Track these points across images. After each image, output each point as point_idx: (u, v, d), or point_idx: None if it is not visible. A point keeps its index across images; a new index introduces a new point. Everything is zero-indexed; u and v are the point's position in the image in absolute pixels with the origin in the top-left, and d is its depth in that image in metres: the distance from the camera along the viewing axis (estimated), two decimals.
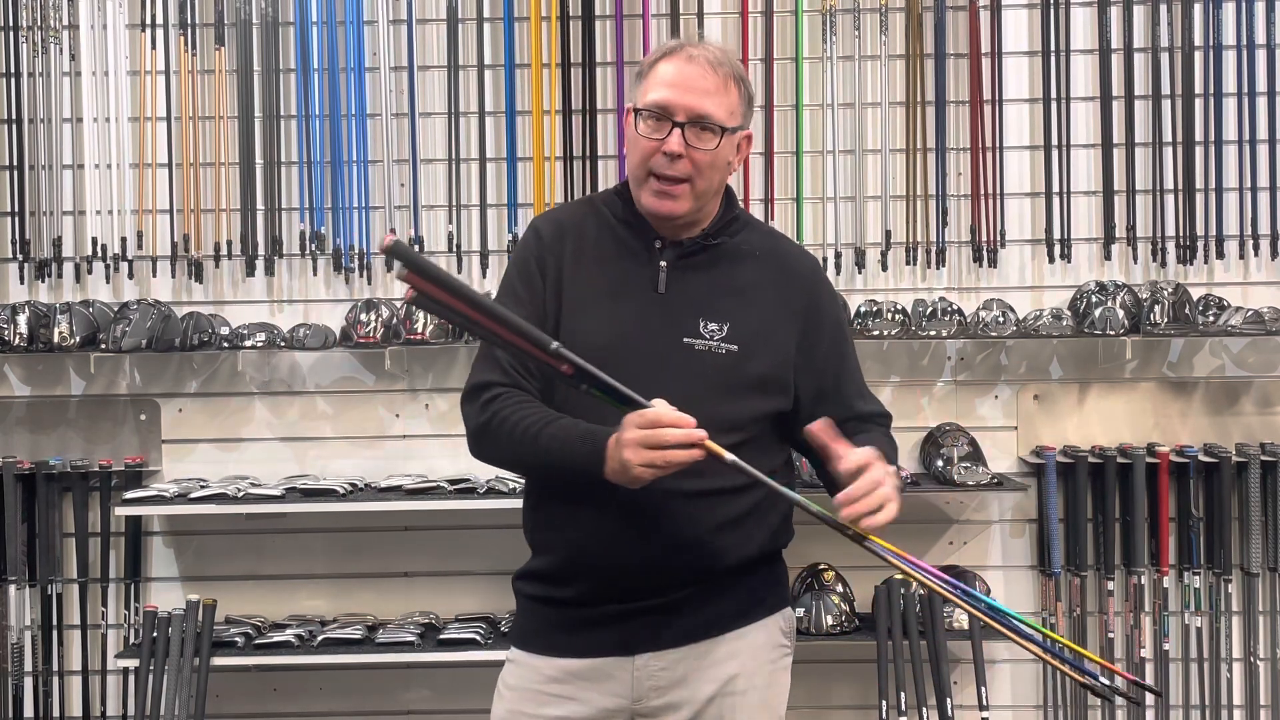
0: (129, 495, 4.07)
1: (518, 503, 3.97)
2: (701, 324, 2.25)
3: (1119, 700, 4.21)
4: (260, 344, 4.14)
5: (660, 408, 2.06)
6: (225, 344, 4.16)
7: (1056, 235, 4.25)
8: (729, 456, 2.07)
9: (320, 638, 4.01)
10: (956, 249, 4.29)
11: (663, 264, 2.29)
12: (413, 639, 3.98)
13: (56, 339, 4.07)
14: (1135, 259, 4.27)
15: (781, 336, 2.29)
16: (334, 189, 4.26)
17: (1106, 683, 2.15)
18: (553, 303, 2.27)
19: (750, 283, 2.31)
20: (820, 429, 2.15)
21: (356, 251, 4.26)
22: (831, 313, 2.37)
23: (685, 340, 2.23)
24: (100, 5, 4.27)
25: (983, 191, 4.25)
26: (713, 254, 2.31)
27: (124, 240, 4.25)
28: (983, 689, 3.98)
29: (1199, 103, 4.25)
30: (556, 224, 2.35)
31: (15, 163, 4.27)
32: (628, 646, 2.27)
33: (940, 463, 4.10)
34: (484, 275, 4.24)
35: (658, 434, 2.04)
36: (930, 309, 4.15)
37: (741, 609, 2.31)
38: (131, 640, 4.19)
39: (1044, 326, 4.11)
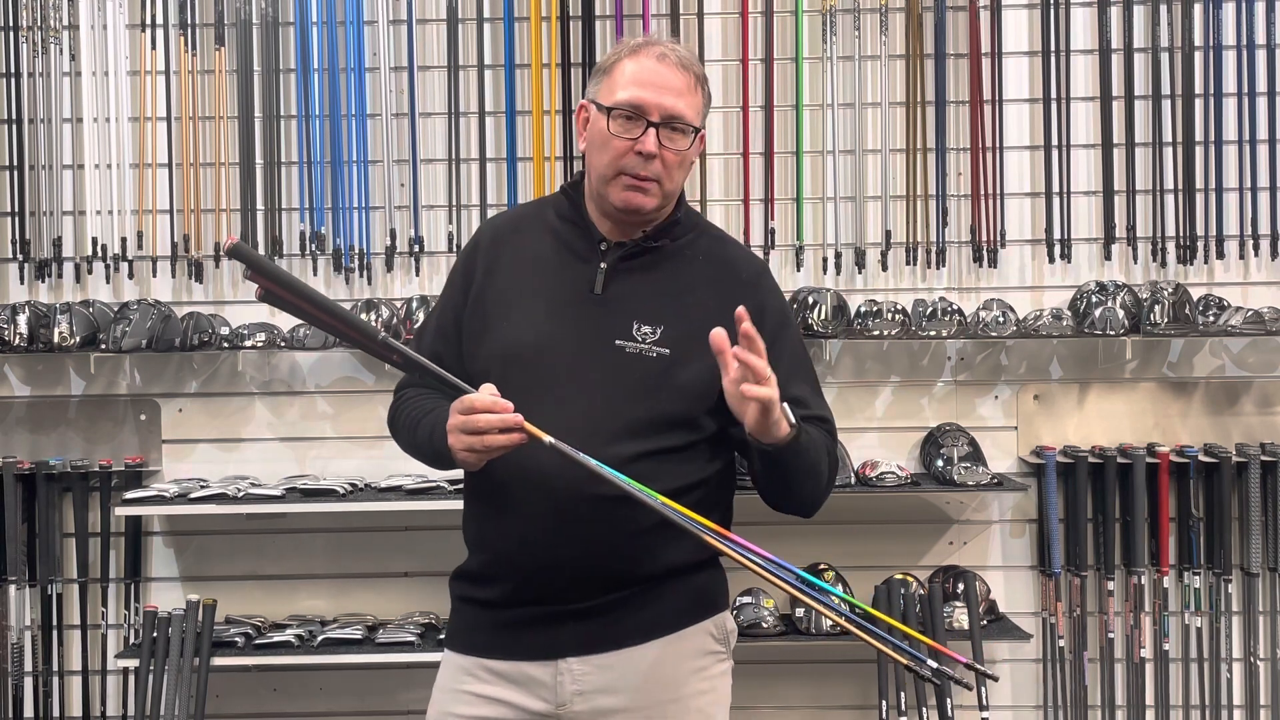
0: (129, 495, 4.07)
1: None
2: (635, 326, 2.24)
3: (1119, 700, 4.23)
4: (260, 344, 4.14)
5: (479, 394, 2.11)
6: (225, 344, 4.16)
7: (1056, 235, 4.25)
8: (547, 439, 2.08)
9: (320, 638, 4.01)
10: (956, 249, 4.29)
11: (603, 265, 2.29)
12: (413, 639, 3.98)
13: (56, 339, 4.07)
14: (1135, 259, 4.27)
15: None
16: (334, 189, 4.26)
17: (934, 664, 2.06)
18: (472, 309, 2.33)
19: (690, 286, 2.29)
20: (718, 338, 2.05)
21: (357, 251, 4.26)
22: (775, 319, 2.30)
23: (617, 342, 2.23)
24: (100, 5, 4.27)
25: (983, 191, 4.25)
26: (655, 256, 2.30)
27: (124, 240, 4.25)
28: (983, 689, 3.97)
29: (1199, 103, 4.25)
30: (497, 229, 2.42)
31: (15, 163, 4.27)
32: (551, 650, 2.25)
33: (940, 463, 4.10)
34: None
35: (471, 420, 2.11)
36: (930, 309, 4.15)
37: (668, 615, 2.28)
38: (131, 640, 4.19)
39: (1044, 326, 4.12)
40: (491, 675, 2.28)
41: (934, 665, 2.05)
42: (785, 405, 2.10)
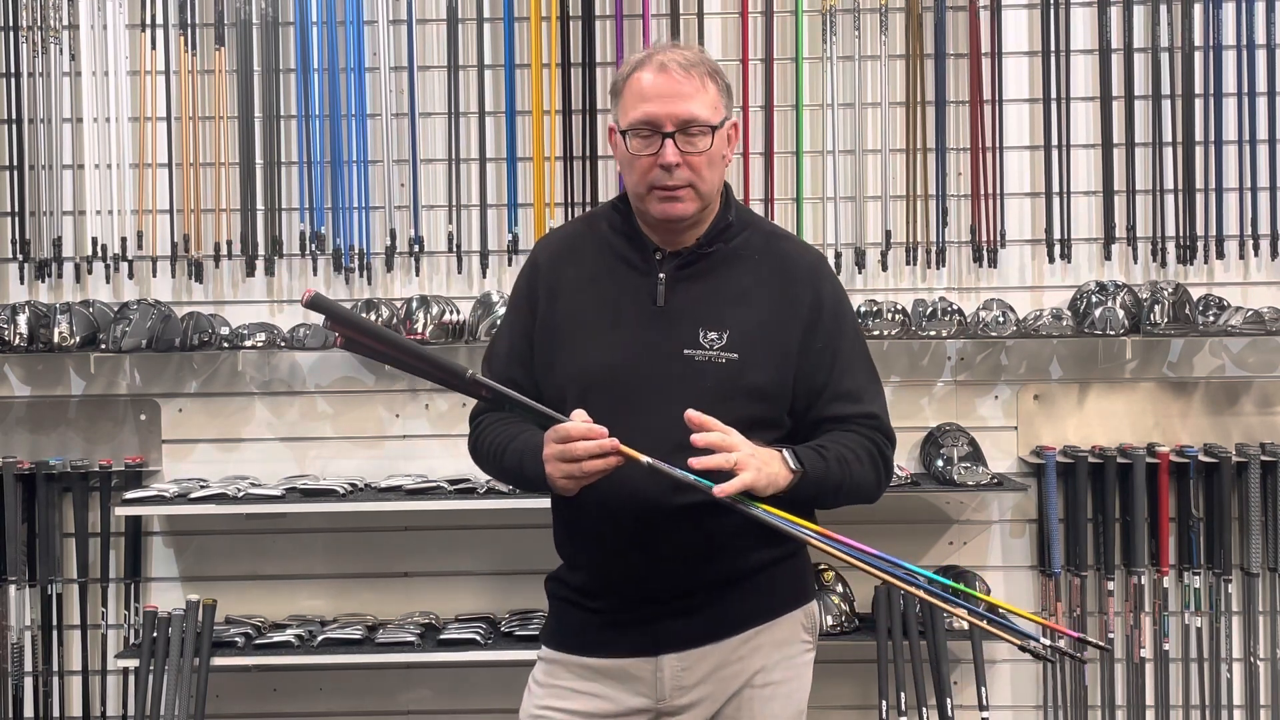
0: (129, 495, 4.07)
1: (518, 503, 4.00)
2: (701, 334, 2.26)
3: (1119, 700, 4.23)
4: (260, 344, 4.14)
5: (573, 421, 2.14)
6: (225, 344, 4.16)
7: (1056, 235, 4.25)
8: (645, 460, 2.12)
9: (320, 638, 4.01)
10: (956, 249, 4.29)
11: (661, 276, 2.31)
12: (413, 639, 3.98)
13: (56, 339, 4.07)
14: (1135, 259, 4.27)
15: (783, 339, 2.29)
16: (334, 189, 4.26)
17: (1048, 643, 2.14)
18: (541, 334, 2.35)
19: (750, 286, 2.30)
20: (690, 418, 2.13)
21: (356, 251, 4.26)
22: (831, 309, 2.34)
23: (686, 352, 2.26)
24: (100, 5, 4.27)
25: (983, 191, 4.25)
26: (711, 261, 2.32)
27: (124, 240, 4.25)
28: (983, 689, 3.98)
29: (1199, 103, 4.25)
30: (554, 249, 2.43)
31: (15, 163, 4.27)
32: (653, 648, 2.30)
33: (940, 463, 4.10)
34: (484, 275, 4.24)
35: (568, 448, 2.13)
36: (930, 309, 4.15)
37: (763, 606, 2.33)
38: (131, 640, 4.19)
39: (1044, 326, 4.11)
40: (591, 672, 2.33)
41: (1046, 643, 2.12)
42: (784, 450, 2.18)
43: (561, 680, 2.35)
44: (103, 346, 4.11)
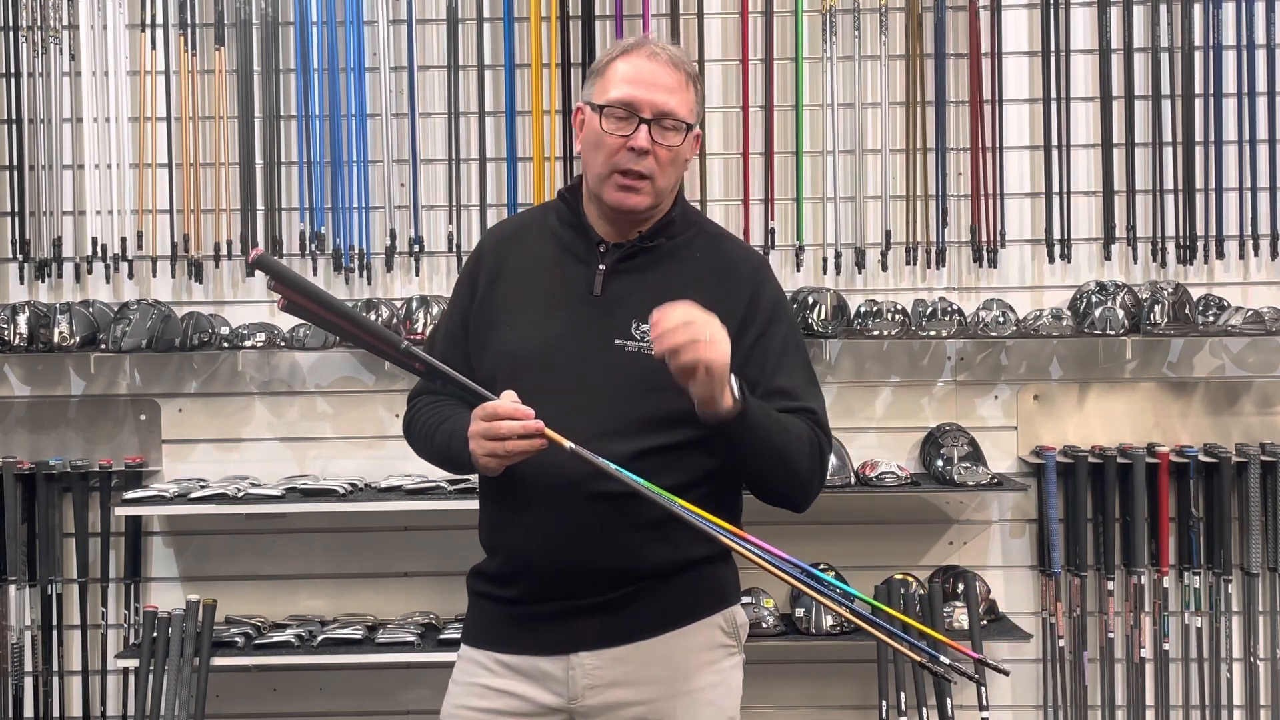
0: (129, 495, 4.07)
1: None
2: (633, 325, 2.27)
3: (1119, 700, 4.23)
4: (260, 344, 4.14)
5: (501, 401, 2.16)
6: (225, 344, 4.16)
7: (1056, 235, 4.25)
8: (568, 445, 2.12)
9: (320, 638, 4.01)
10: (956, 249, 4.29)
11: (601, 267, 2.32)
12: (413, 639, 3.98)
13: (56, 339, 4.07)
14: (1135, 259, 4.27)
15: None
16: (334, 189, 4.26)
17: (947, 661, 2.12)
18: (477, 314, 2.38)
19: (687, 285, 2.29)
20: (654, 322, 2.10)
21: (356, 251, 4.26)
22: (769, 308, 2.33)
23: (616, 342, 2.27)
24: (100, 5, 4.27)
25: (983, 191, 4.25)
26: (652, 255, 2.33)
27: (124, 240, 4.25)
28: (983, 689, 3.97)
29: (1199, 103, 4.25)
30: (500, 237, 2.47)
31: (15, 163, 4.28)
32: (564, 645, 2.29)
33: (940, 463, 4.10)
34: None
35: (493, 426, 2.15)
36: (930, 309, 4.15)
37: (679, 609, 2.31)
38: (131, 640, 4.19)
39: (1044, 326, 4.12)
40: (505, 669, 2.32)
41: (946, 661, 2.10)
42: (734, 378, 2.13)
43: (478, 678, 2.34)
44: (103, 346, 4.11)
